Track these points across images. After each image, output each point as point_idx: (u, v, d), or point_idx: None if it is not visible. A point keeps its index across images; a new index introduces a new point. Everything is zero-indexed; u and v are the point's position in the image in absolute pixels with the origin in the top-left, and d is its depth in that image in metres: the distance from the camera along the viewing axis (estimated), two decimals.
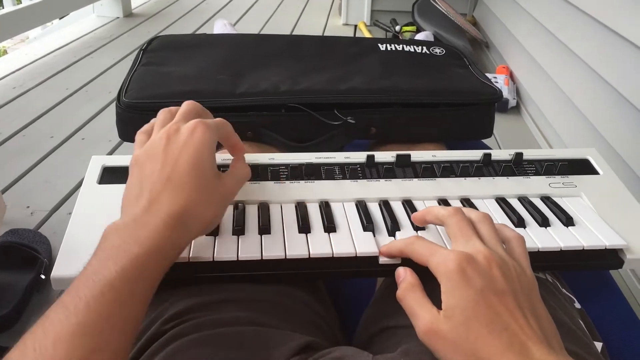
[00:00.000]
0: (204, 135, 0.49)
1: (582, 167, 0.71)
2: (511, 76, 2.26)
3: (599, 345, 0.56)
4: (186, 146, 0.48)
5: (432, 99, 0.86)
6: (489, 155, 0.69)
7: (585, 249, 0.57)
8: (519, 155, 0.70)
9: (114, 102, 0.85)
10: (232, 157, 0.58)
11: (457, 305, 0.41)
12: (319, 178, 0.66)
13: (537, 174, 0.69)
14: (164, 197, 0.46)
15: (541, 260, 0.57)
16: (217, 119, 0.55)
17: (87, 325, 0.36)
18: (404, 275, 0.47)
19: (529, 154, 0.71)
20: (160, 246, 0.43)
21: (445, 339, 0.41)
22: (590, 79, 1.54)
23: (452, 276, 0.42)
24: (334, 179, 0.66)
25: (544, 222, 0.60)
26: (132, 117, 0.82)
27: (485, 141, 1.01)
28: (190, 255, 0.53)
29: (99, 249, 0.42)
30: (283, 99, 0.83)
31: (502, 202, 0.64)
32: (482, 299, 0.41)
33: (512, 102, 2.15)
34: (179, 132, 0.50)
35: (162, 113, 0.55)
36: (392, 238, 0.57)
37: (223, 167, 0.57)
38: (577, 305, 0.60)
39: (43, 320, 0.37)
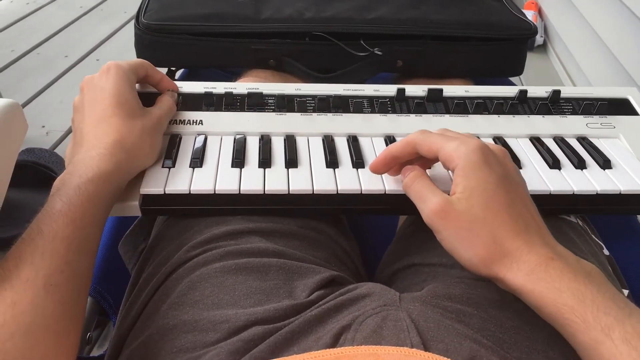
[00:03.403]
0: (117, 74, 0.53)
1: (621, 107, 0.68)
2: (539, 12, 2.17)
3: (625, 292, 0.55)
4: (104, 88, 0.52)
5: (463, 32, 0.81)
6: (525, 92, 0.66)
7: (622, 193, 0.55)
8: (556, 92, 0.66)
9: (129, 23, 0.82)
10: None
11: (477, 186, 0.41)
12: (347, 111, 0.64)
13: (574, 113, 0.66)
14: (97, 135, 0.49)
15: (576, 203, 0.55)
16: (134, 59, 0.59)
17: (46, 246, 0.39)
18: (412, 169, 0.47)
19: (566, 91, 0.68)
20: (101, 173, 0.45)
21: (458, 219, 0.41)
22: (623, 18, 1.47)
23: (474, 158, 0.42)
24: (362, 112, 0.64)
25: (580, 164, 0.58)
26: (151, 39, 0.79)
27: (507, 80, 0.97)
28: (216, 188, 0.52)
29: (49, 196, 0.43)
30: (308, 27, 0.79)
31: (536, 141, 0.62)
32: (502, 185, 0.42)
33: (539, 40, 2.07)
34: (94, 79, 0.54)
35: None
36: None
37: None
38: (606, 251, 0.59)
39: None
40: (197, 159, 0.55)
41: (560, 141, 0.62)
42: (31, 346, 0.35)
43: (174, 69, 0.88)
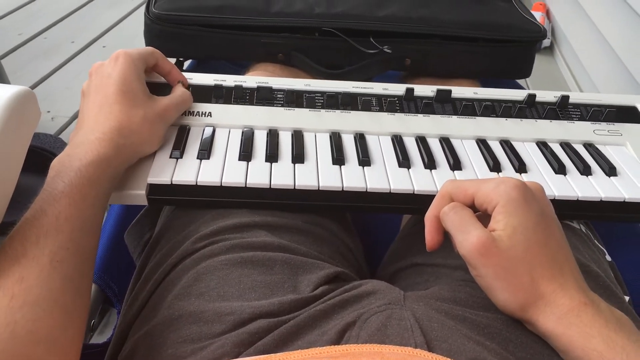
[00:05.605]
0: (125, 62, 0.54)
1: (629, 115, 0.68)
2: (547, 14, 2.17)
3: (625, 298, 0.55)
4: (111, 75, 0.53)
5: (473, 33, 0.81)
6: (534, 96, 0.66)
7: (626, 200, 0.56)
8: (564, 98, 0.67)
9: (137, 11, 0.82)
10: None
11: (520, 224, 0.40)
12: (355, 108, 0.64)
13: (582, 119, 0.66)
14: (98, 120, 0.50)
15: (579, 209, 0.55)
16: (144, 47, 0.59)
17: (50, 225, 0.39)
18: (453, 203, 0.45)
19: (575, 97, 0.68)
20: (100, 157, 0.46)
21: (500, 256, 0.40)
22: (633, 25, 1.47)
23: (514, 195, 0.41)
24: (370, 110, 0.64)
25: (585, 171, 0.58)
26: (161, 29, 0.79)
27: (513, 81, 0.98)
28: (223, 180, 0.52)
29: (48, 176, 0.44)
30: (318, 22, 0.79)
31: (543, 146, 0.62)
32: (540, 223, 0.41)
33: (546, 42, 2.07)
34: (102, 66, 0.55)
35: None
36: (429, 174, 0.56)
37: None
38: (608, 257, 0.59)
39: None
40: (205, 151, 0.55)
41: (567, 147, 0.62)
42: (39, 317, 0.35)
43: (182, 59, 0.88)
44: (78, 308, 0.40)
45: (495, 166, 0.58)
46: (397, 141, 0.60)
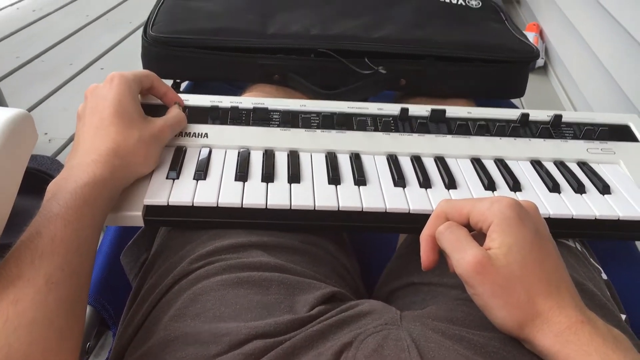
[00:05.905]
0: (120, 84, 0.55)
1: (622, 133, 0.68)
2: (541, 34, 2.20)
3: (622, 317, 0.55)
4: (106, 97, 0.54)
5: (467, 54, 0.82)
6: (527, 115, 0.67)
7: (620, 219, 0.56)
8: (557, 117, 0.67)
9: (134, 33, 0.83)
10: None
11: (515, 243, 0.40)
12: (351, 128, 0.64)
13: (575, 137, 0.67)
14: (94, 142, 0.51)
15: (574, 227, 0.56)
16: (139, 70, 0.60)
17: (45, 247, 0.39)
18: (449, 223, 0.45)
19: (568, 116, 0.69)
20: (96, 178, 0.46)
21: (497, 274, 0.40)
22: (626, 45, 1.48)
23: (509, 214, 0.41)
24: (365, 130, 0.64)
25: (579, 189, 0.59)
26: (158, 51, 0.80)
27: (508, 101, 0.98)
28: (219, 201, 0.53)
29: (44, 198, 0.44)
30: (313, 44, 0.80)
31: (537, 165, 0.62)
32: (536, 241, 0.41)
33: (540, 62, 2.09)
34: (98, 88, 0.56)
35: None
36: (424, 193, 0.56)
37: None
38: (604, 276, 0.59)
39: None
40: (201, 172, 0.56)
41: (561, 165, 0.63)
42: (34, 340, 0.35)
43: (179, 81, 0.89)
44: (73, 330, 0.40)
45: (490, 185, 0.58)
46: (393, 161, 0.60)
